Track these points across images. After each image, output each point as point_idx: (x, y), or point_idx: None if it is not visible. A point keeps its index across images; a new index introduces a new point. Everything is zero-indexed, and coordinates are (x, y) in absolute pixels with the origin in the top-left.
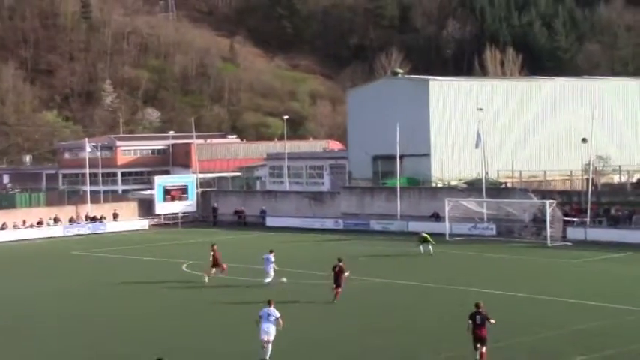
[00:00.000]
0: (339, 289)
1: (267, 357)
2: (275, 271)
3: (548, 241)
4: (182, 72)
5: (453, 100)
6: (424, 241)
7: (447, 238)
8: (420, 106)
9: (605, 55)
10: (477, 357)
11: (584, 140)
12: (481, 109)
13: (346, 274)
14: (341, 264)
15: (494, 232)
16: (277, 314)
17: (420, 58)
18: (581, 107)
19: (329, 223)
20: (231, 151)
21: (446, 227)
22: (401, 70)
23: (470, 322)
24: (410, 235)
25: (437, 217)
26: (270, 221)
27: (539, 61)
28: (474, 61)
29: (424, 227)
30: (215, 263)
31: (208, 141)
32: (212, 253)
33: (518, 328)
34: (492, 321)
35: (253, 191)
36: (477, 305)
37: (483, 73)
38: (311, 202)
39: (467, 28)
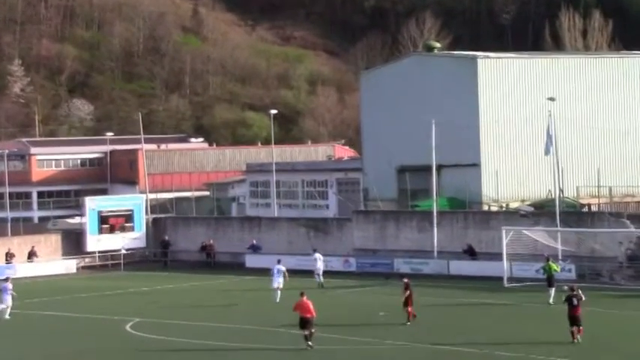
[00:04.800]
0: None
1: None
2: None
3: None
4: (124, 48)
5: (513, 86)
6: (550, 276)
7: (506, 283)
8: (466, 95)
9: None
10: (573, 331)
11: None
12: (553, 99)
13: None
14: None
15: (573, 274)
16: None
17: (464, 27)
18: None
19: (336, 263)
20: (195, 161)
21: (503, 269)
22: (438, 44)
23: (567, 304)
24: (450, 280)
25: (472, 253)
26: (250, 260)
27: (637, 30)
28: (544, 31)
29: (461, 266)
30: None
31: (162, 146)
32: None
33: None
34: (584, 298)
35: (227, 217)
36: (572, 289)
37: (556, 46)
38: (310, 232)
39: None
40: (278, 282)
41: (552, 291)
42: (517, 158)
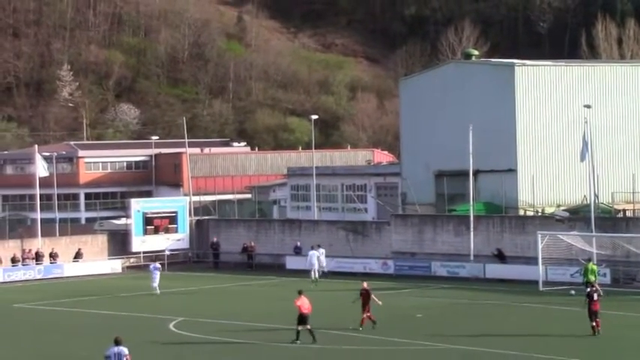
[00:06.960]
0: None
1: None
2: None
3: None
4: (170, 54)
5: (549, 94)
6: (589, 280)
7: (541, 287)
8: (503, 102)
9: None
10: (594, 326)
11: None
12: (589, 106)
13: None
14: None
15: (608, 279)
16: (126, 352)
17: (502, 36)
18: None
19: (374, 266)
20: (237, 165)
21: (539, 273)
22: (476, 52)
23: (587, 298)
24: (486, 283)
25: (501, 257)
26: (291, 262)
27: None
28: (580, 39)
29: (497, 270)
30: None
31: (206, 150)
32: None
33: None
34: (602, 294)
35: (268, 220)
36: (592, 285)
37: (593, 55)
38: (349, 235)
39: None
40: (313, 264)
41: None
42: (553, 164)
